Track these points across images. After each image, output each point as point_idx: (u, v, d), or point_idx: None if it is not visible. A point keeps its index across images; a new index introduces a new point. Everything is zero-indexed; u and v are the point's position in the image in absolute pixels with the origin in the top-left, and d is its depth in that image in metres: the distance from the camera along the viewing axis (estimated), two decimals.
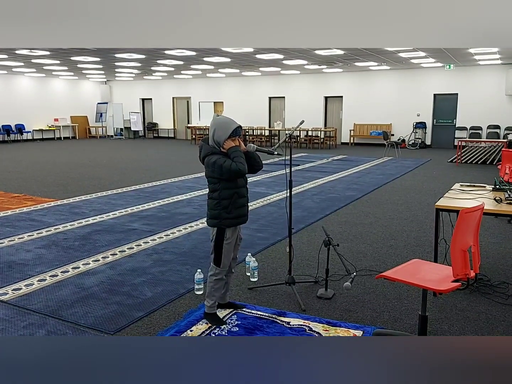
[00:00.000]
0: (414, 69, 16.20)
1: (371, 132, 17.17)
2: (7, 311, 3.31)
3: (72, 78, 20.97)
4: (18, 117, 19.19)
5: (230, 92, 19.85)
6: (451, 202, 3.61)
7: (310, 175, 9.88)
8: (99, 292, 3.66)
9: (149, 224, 5.72)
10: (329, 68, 16.09)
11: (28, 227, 5.59)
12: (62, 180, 9.20)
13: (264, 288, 3.73)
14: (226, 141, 2.91)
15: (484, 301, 3.47)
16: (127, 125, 21.56)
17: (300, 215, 6.15)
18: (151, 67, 15.99)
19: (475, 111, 15.45)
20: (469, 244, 2.47)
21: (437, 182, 8.86)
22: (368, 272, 4.08)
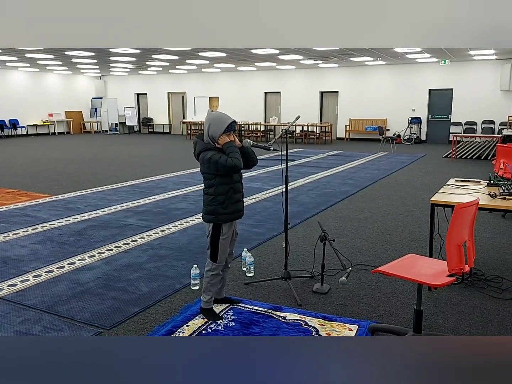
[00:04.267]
0: (409, 64, 16.21)
1: (366, 127, 17.19)
2: (3, 307, 3.30)
3: (67, 73, 20.82)
4: (12, 112, 19.04)
5: (226, 87, 19.79)
6: (446, 197, 3.62)
7: (305, 170, 9.89)
8: (95, 287, 3.65)
9: (145, 220, 5.71)
10: (325, 63, 16.07)
11: (23, 223, 5.56)
12: (57, 175, 9.16)
13: (260, 283, 3.74)
14: (221, 137, 2.91)
15: (479, 295, 3.49)
16: (122, 120, 21.47)
17: (295, 210, 6.16)
18: (146, 61, 15.91)
19: (470, 106, 15.50)
20: (464, 239, 2.49)
21: (432, 177, 8.89)
22: (364, 267, 4.10)
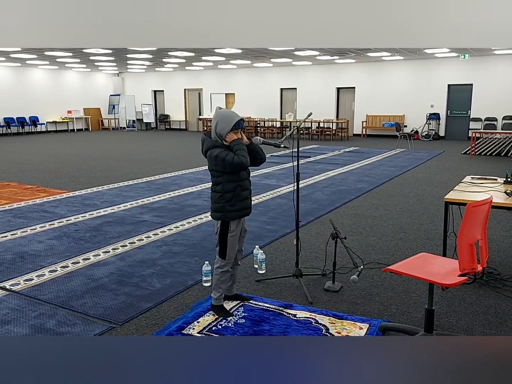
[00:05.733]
0: (428, 59, 15.96)
1: (383, 123, 17.00)
2: (19, 301, 3.37)
3: (85, 70, 21.09)
4: (32, 110, 19.39)
5: (242, 83, 19.79)
6: (461, 195, 3.56)
7: (321, 167, 9.84)
8: (109, 283, 3.71)
9: (159, 216, 5.76)
10: (341, 58, 15.93)
11: (40, 219, 5.67)
12: (75, 171, 9.30)
13: (272, 281, 3.74)
14: (229, 134, 2.91)
15: (494, 295, 3.43)
16: (139, 117, 21.67)
17: (309, 208, 6.14)
18: (163, 58, 16.01)
19: (490, 101, 15.19)
20: (477, 238, 2.44)
21: (450, 174, 8.76)
22: (377, 265, 4.07)
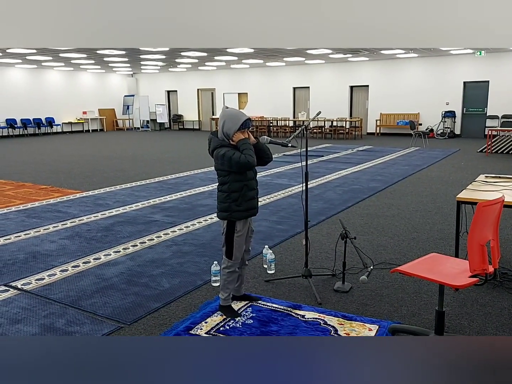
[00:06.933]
0: (443, 56, 15.74)
1: (397, 121, 16.82)
2: (30, 301, 3.41)
3: (99, 72, 21.31)
4: (48, 111, 19.66)
5: (255, 83, 19.77)
6: (473, 194, 3.49)
7: (333, 166, 9.77)
8: (119, 282, 3.72)
9: (170, 216, 5.78)
10: (355, 56, 15.79)
11: (53, 218, 5.73)
12: (89, 172, 9.39)
13: (281, 281, 3.71)
14: (236, 134, 2.90)
15: (508, 296, 3.36)
16: (153, 117, 21.82)
17: (321, 207, 6.09)
18: (176, 59, 16.08)
19: (507, 99, 14.91)
20: (488, 239, 2.38)
21: (465, 173, 8.61)
22: (388, 265, 4.01)
